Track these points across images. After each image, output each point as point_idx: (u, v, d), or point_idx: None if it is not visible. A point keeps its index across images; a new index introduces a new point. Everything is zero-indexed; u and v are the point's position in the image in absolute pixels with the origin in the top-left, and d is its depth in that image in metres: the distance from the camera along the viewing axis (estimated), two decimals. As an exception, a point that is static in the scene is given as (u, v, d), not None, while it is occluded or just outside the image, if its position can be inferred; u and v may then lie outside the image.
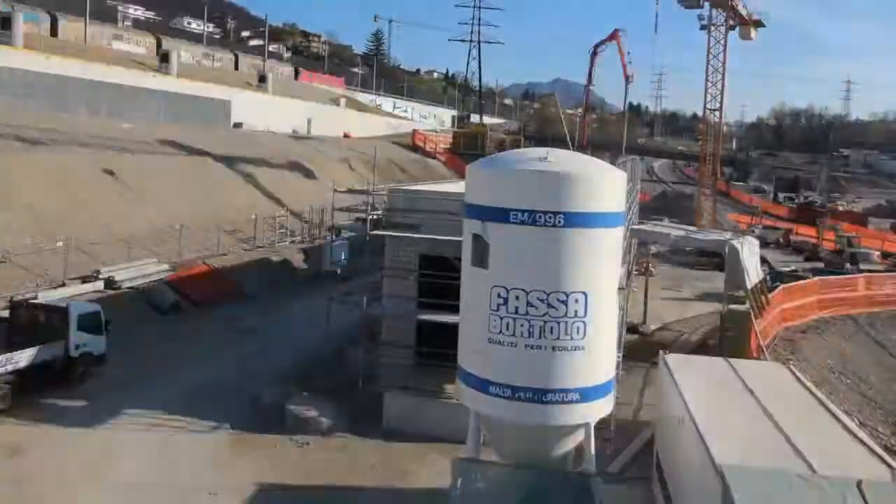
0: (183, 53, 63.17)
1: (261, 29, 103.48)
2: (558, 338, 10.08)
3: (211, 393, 18.91)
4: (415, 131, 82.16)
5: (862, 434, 10.32)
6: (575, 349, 10.16)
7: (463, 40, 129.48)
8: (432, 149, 76.94)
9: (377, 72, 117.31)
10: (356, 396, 18.47)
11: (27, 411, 16.85)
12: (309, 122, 68.79)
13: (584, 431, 10.97)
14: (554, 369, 10.20)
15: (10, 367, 17.04)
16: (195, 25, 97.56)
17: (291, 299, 28.99)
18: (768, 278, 29.41)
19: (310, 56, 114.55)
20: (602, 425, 17.05)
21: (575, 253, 10.12)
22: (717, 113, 53.09)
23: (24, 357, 17.47)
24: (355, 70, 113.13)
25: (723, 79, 51.41)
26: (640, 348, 22.69)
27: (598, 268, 10.41)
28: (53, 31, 54.67)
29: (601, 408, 10.85)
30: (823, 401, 11.49)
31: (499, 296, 10.23)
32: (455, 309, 13.06)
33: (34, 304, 20.37)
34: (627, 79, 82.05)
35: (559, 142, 59.35)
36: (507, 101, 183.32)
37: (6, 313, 19.99)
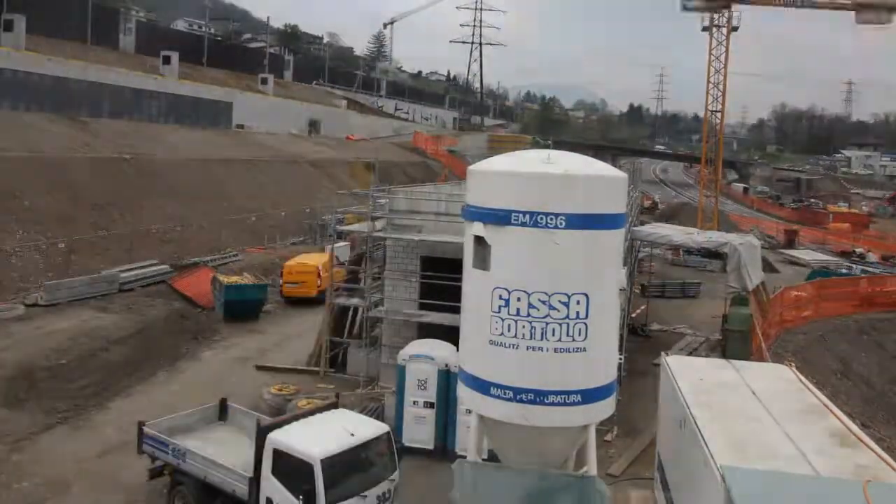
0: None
1: (262, 32, 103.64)
2: (560, 339, 10.07)
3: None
4: (416, 133, 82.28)
5: (864, 436, 10.29)
6: (576, 351, 10.15)
7: (465, 42, 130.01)
8: (434, 150, 77.11)
9: (379, 73, 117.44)
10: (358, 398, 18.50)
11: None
12: (310, 123, 68.83)
13: (585, 433, 10.95)
14: (555, 371, 10.18)
15: None
16: (196, 27, 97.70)
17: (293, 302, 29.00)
18: None
19: (311, 59, 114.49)
20: (604, 427, 17.08)
21: (576, 255, 10.11)
22: (718, 114, 53.06)
23: None
24: (357, 72, 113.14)
25: (724, 80, 51.37)
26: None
27: (600, 269, 10.40)
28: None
29: (603, 409, 10.83)
30: (826, 402, 11.46)
31: (500, 297, 10.23)
32: (456, 310, 13.05)
33: None
34: None
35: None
36: (509, 103, 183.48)
37: None
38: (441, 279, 17.89)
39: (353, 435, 11.97)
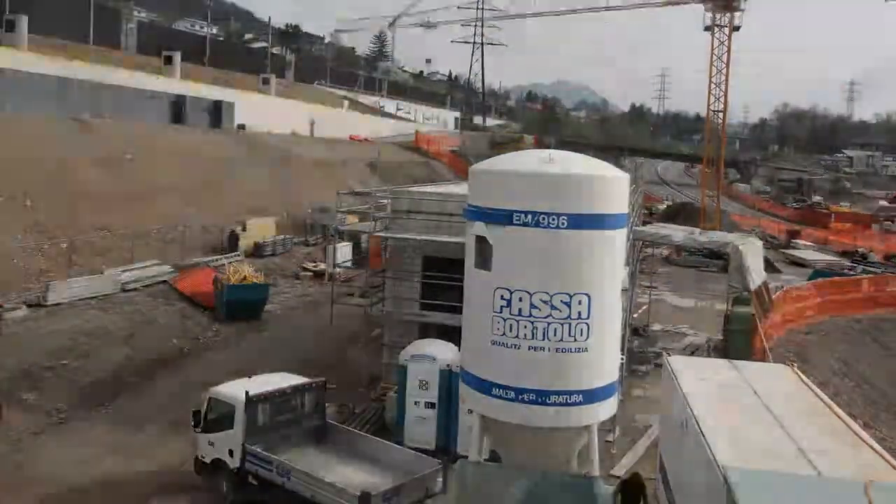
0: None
1: (264, 32, 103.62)
2: (561, 339, 10.06)
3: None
4: (418, 133, 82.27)
5: (866, 436, 10.28)
6: (578, 351, 10.15)
7: (466, 42, 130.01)
8: (435, 150, 77.17)
9: (380, 73, 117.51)
10: (359, 397, 18.54)
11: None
12: (312, 124, 68.79)
13: (587, 433, 10.94)
14: (557, 371, 10.18)
15: None
16: (198, 27, 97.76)
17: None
18: None
19: (313, 58, 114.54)
20: (606, 427, 17.05)
21: (578, 255, 10.11)
22: (720, 114, 53.07)
23: None
24: (359, 72, 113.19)
25: (726, 80, 51.40)
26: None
27: (602, 269, 10.40)
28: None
29: (604, 410, 10.82)
30: (828, 403, 11.45)
31: (502, 297, 10.22)
32: (458, 310, 13.03)
33: None
34: None
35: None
36: (510, 103, 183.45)
37: None
38: (443, 279, 17.89)
39: None
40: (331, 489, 12.07)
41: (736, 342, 22.07)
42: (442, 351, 16.29)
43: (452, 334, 17.42)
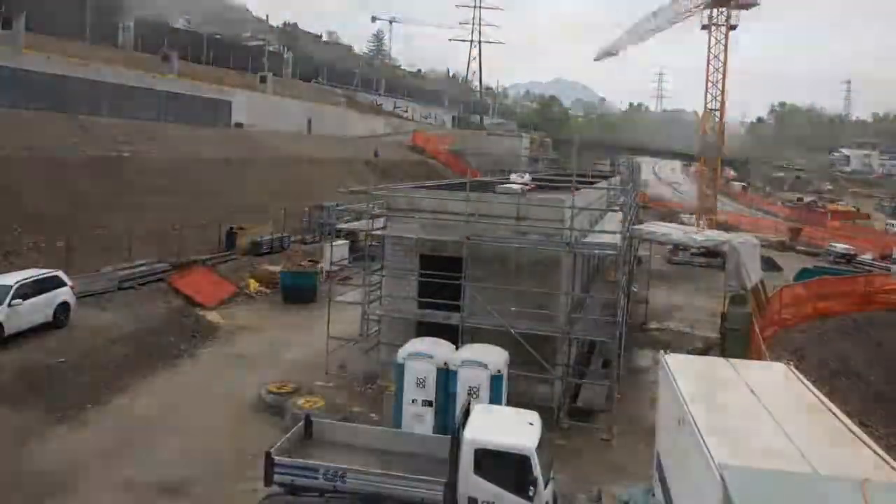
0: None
1: (261, 31, 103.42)
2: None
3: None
4: (415, 132, 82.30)
5: (863, 434, 10.30)
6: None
7: (463, 40, 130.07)
8: (433, 149, 77.21)
9: (378, 72, 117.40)
10: (357, 396, 18.57)
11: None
12: (309, 122, 68.74)
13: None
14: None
15: None
16: (196, 25, 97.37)
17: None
18: None
19: (310, 57, 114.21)
20: (603, 425, 17.09)
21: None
22: (717, 112, 53.09)
23: None
24: (356, 70, 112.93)
25: (723, 78, 51.43)
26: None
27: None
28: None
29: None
30: (824, 401, 11.47)
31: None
32: (454, 308, 13.01)
33: None
34: None
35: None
36: (508, 101, 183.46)
37: None
38: (440, 277, 17.90)
39: (532, 424, 12.53)
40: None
41: (733, 340, 22.10)
42: (439, 349, 16.28)
43: (449, 332, 17.48)
